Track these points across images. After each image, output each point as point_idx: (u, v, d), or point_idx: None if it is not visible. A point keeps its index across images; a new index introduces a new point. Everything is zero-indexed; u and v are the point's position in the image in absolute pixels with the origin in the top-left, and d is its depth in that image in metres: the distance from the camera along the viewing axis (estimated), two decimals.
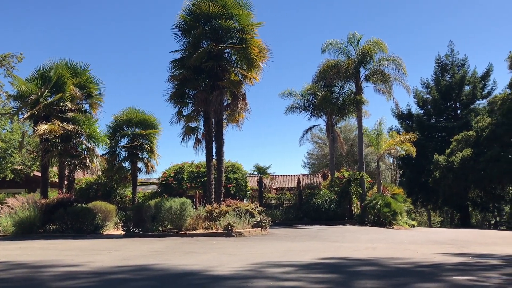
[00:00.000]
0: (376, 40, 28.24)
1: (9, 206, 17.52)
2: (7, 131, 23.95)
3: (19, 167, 25.50)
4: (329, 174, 30.97)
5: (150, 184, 31.55)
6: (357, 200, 26.91)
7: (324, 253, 9.77)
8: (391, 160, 51.93)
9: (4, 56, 23.18)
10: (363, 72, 28.86)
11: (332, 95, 29.71)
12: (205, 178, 21.02)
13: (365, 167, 30.12)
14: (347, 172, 27.31)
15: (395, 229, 23.07)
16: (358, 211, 26.79)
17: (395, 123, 56.50)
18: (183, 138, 19.69)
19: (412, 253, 9.89)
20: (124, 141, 24.84)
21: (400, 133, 40.00)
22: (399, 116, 51.46)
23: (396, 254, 9.66)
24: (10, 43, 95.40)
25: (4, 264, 8.08)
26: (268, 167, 28.62)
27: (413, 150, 31.31)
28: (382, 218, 24.04)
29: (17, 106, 19.99)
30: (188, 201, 16.47)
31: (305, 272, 6.78)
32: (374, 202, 24.57)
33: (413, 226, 26.96)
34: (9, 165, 24.00)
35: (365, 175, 27.50)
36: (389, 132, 40.67)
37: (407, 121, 51.26)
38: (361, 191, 26.43)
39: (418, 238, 16.13)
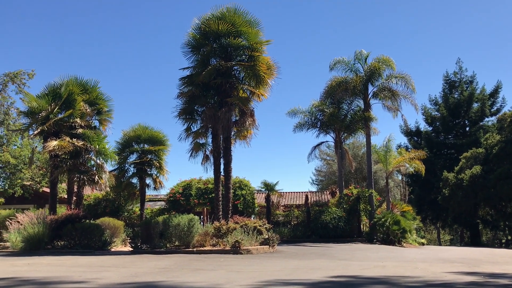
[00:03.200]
0: (384, 58, 28.35)
1: (18, 222, 17.59)
2: (17, 147, 24.17)
3: (28, 183, 25.66)
4: (338, 191, 30.81)
5: (158, 201, 31.55)
6: (365, 218, 26.69)
7: (333, 271, 9.67)
8: (400, 177, 51.47)
9: (16, 73, 23.56)
10: (371, 89, 28.95)
11: (340, 112, 29.75)
12: (213, 195, 21.00)
13: (374, 184, 29.96)
14: (356, 189, 27.15)
15: (404, 247, 22.81)
16: (367, 229, 26.55)
17: (404, 140, 56.14)
18: (191, 155, 19.76)
19: (423, 271, 9.76)
20: (133, 157, 24.96)
21: (409, 150, 39.86)
22: (408, 133, 51.25)
23: (407, 272, 9.53)
24: (21, 60, 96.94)
25: (12, 280, 8.10)
26: (275, 184, 28.54)
27: (422, 167, 31.11)
28: (391, 236, 23.79)
29: (27, 122, 20.22)
30: (196, 217, 16.43)
31: None
32: (383, 219, 24.35)
33: (423, 244, 26.63)
34: (19, 181, 24.16)
35: (374, 192, 27.32)
36: (397, 149, 40.50)
37: (415, 138, 51.00)
38: (370, 209, 26.23)
39: (428, 256, 15.93)
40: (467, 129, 48.50)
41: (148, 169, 24.94)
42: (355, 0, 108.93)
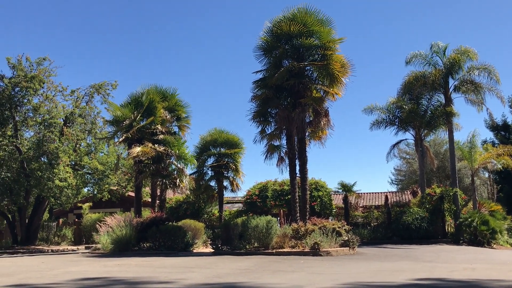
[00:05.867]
0: (463, 48, 26.81)
1: (107, 224, 18.71)
2: (104, 154, 25.68)
3: (115, 188, 27.19)
4: (419, 191, 29.56)
5: (236, 202, 32.15)
6: (450, 218, 25.40)
7: (418, 273, 9.27)
8: (486, 174, 48.40)
9: (101, 84, 25.06)
10: (451, 82, 27.46)
11: (419, 108, 28.54)
12: (289, 196, 20.99)
13: (458, 182, 28.36)
14: (439, 188, 25.90)
15: (494, 248, 21.39)
16: (452, 230, 25.26)
17: (489, 135, 52.71)
18: (266, 157, 19.92)
19: None
20: (210, 161, 25.72)
21: (496, 145, 37.31)
22: (494, 127, 47.94)
23: (500, 275, 8.91)
24: (105, 72, 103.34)
25: (105, 280, 8.61)
26: (353, 185, 27.94)
27: (511, 163, 29.02)
28: (480, 237, 22.40)
29: (112, 130, 21.51)
30: (274, 219, 16.52)
31: None
32: (469, 219, 23.01)
33: None
34: (106, 186, 25.63)
35: (459, 191, 25.91)
36: (483, 145, 38.14)
37: (502, 133, 47.57)
38: (455, 208, 24.92)
39: None
40: None
41: (225, 172, 25.54)
42: None
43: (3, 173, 21.23)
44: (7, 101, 22.23)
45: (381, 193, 39.86)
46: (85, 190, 26.73)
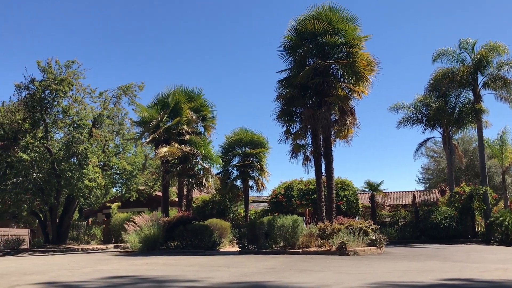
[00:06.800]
0: (492, 44, 26.26)
1: (135, 224, 19.02)
2: (132, 154, 26.11)
3: (142, 188, 27.62)
4: (448, 190, 29.07)
5: (261, 202, 32.23)
6: (480, 217, 24.91)
7: (447, 273, 9.10)
8: None
9: (128, 86, 25.48)
10: (480, 79, 26.94)
11: (447, 105, 28.05)
12: (315, 196, 20.91)
13: (488, 181, 27.74)
14: (468, 186, 25.40)
15: None
16: (482, 229, 24.75)
17: None
18: (291, 156, 19.85)
19: None
20: (235, 160, 25.86)
21: None
22: None
23: None
24: (131, 73, 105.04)
25: (134, 278, 8.76)
26: (380, 184, 27.68)
27: None
28: None
29: (140, 131, 21.86)
30: (300, 218, 16.48)
31: None
32: (501, 219, 22.49)
33: None
34: (134, 185, 26.07)
35: (489, 189, 25.36)
36: None
37: None
38: (485, 207, 24.40)
39: None
40: None
41: (250, 171, 25.63)
42: None
43: (34, 174, 21.80)
44: (38, 103, 22.85)
45: (408, 192, 39.31)
46: (114, 190, 27.23)
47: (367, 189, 28.17)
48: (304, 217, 25.55)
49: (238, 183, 26.03)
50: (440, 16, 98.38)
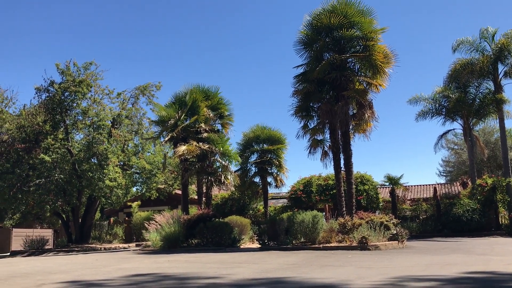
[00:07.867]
0: None
1: (156, 222, 19.19)
2: (151, 153, 26.33)
3: (162, 186, 27.85)
4: (469, 182, 28.62)
5: (280, 198, 32.20)
6: (504, 209, 24.44)
7: (471, 267, 8.95)
8: None
9: (145, 86, 25.68)
10: (501, 68, 26.42)
11: (467, 96, 27.61)
12: (334, 191, 20.79)
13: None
14: (491, 178, 24.93)
15: None
16: (506, 221, 24.28)
17: None
18: (309, 151, 19.77)
19: None
20: (253, 157, 25.90)
21: None
22: None
23: None
24: (148, 73, 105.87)
25: (156, 276, 8.83)
26: (400, 177, 27.38)
27: None
28: None
29: (158, 130, 22.05)
30: (320, 214, 16.41)
31: (452, 287, 6.28)
32: None
33: None
34: (154, 184, 26.30)
35: None
36: None
37: None
38: (509, 199, 23.94)
39: None
40: None
41: (269, 168, 25.63)
42: None
43: (56, 175, 22.15)
44: (58, 105, 23.19)
45: (429, 185, 38.86)
46: (134, 189, 27.52)
47: (387, 183, 27.91)
48: (324, 213, 25.47)
49: (257, 180, 26.09)
50: (458, 5, 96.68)
